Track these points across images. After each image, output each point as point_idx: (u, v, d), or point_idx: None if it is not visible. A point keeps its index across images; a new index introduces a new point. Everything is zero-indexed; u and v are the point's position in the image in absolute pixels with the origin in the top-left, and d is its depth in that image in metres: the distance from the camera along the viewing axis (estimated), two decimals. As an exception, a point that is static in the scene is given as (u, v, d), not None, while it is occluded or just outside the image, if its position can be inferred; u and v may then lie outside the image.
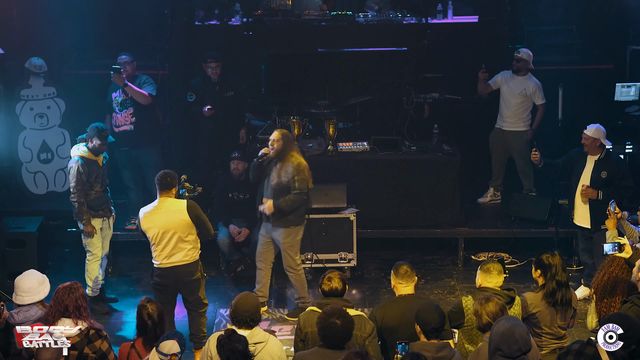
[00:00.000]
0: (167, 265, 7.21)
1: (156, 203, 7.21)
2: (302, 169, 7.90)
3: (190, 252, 7.23)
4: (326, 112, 10.03)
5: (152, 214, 7.18)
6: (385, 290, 8.89)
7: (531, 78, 9.79)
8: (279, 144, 7.90)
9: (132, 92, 9.07)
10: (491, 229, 9.55)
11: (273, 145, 7.93)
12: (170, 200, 7.20)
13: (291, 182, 7.90)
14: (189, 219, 7.14)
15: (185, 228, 7.15)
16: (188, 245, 7.20)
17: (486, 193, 10.22)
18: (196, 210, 7.23)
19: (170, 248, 7.17)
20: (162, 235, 7.15)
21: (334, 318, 5.32)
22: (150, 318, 5.64)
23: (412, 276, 6.10)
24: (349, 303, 5.92)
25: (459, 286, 8.97)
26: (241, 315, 5.46)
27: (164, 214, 7.15)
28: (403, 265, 6.14)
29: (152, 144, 9.44)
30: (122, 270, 9.40)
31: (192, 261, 7.25)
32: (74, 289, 5.75)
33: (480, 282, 6.15)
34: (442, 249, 9.71)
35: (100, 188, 8.30)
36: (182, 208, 7.15)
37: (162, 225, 7.14)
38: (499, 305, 5.52)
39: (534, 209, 9.54)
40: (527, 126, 9.85)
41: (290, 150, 7.93)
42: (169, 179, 7.21)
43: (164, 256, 7.19)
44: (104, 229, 8.44)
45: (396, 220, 9.48)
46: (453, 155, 9.52)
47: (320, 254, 9.08)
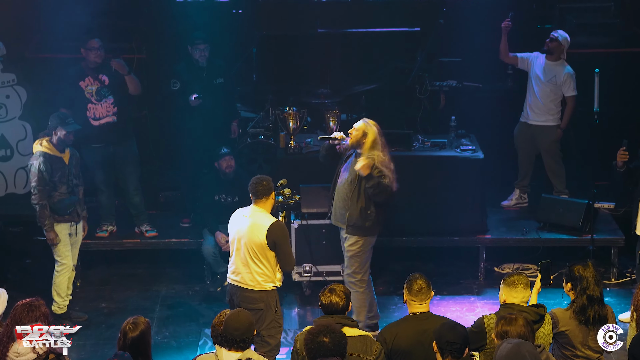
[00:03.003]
0: (232, 281, 7.17)
1: (250, 207, 7.14)
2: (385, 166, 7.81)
3: (260, 277, 7.07)
4: (327, 102, 10.01)
5: (239, 216, 7.14)
6: (395, 307, 8.89)
7: (563, 64, 9.76)
8: (357, 134, 7.84)
9: (131, 81, 9.14)
10: (517, 237, 9.55)
11: (351, 134, 7.89)
12: (261, 210, 7.09)
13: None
14: (265, 241, 7.02)
15: (260, 248, 7.03)
16: (258, 269, 7.08)
17: (511, 195, 10.21)
18: (279, 236, 7.04)
19: (238, 263, 7.09)
20: (236, 246, 7.09)
21: (321, 336, 5.31)
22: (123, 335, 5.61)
23: (428, 293, 6.08)
24: (352, 321, 5.91)
25: (480, 302, 8.97)
26: (230, 334, 5.45)
27: (245, 222, 7.06)
28: (418, 280, 6.13)
29: (131, 139, 9.47)
30: (92, 284, 9.38)
31: (259, 289, 7.07)
32: (34, 307, 5.74)
33: (504, 297, 6.13)
34: (461, 260, 9.70)
35: (67, 189, 8.29)
36: (264, 225, 7.02)
37: (239, 234, 7.07)
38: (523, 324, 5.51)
39: (566, 213, 9.53)
40: (557, 120, 9.84)
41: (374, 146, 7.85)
42: (264, 184, 7.08)
43: (232, 270, 7.15)
44: (72, 235, 8.43)
45: (408, 226, 9.48)
46: (473, 152, 9.51)
47: (321, 266, 9.07)
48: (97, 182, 9.42)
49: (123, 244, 9.54)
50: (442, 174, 9.43)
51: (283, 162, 9.46)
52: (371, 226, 8.00)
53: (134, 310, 8.61)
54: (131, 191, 9.43)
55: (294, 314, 8.87)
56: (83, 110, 9.15)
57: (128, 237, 9.57)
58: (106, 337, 8.30)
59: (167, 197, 10.33)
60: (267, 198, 7.09)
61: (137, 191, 9.48)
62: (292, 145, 9.46)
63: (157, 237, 9.54)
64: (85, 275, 9.45)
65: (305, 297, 9.05)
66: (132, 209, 9.57)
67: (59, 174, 8.25)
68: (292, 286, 9.11)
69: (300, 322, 8.65)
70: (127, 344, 5.58)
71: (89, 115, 9.16)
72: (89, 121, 9.12)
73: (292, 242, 8.95)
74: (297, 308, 8.96)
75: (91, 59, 9.04)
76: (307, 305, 8.92)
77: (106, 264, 9.67)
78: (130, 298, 9.14)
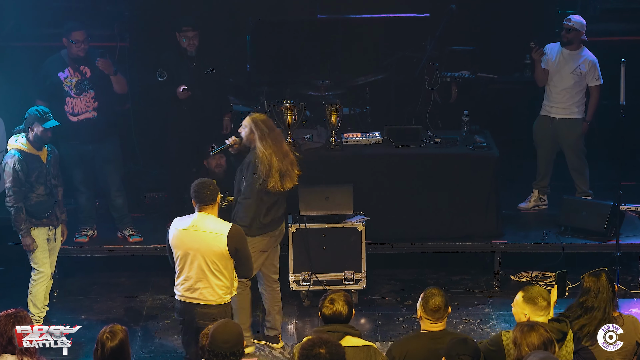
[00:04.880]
0: (187, 299, 7.14)
1: (194, 217, 7.12)
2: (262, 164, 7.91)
3: (220, 291, 7.09)
4: (328, 94, 10.02)
5: (184, 229, 7.09)
6: (402, 319, 8.88)
7: (585, 52, 9.77)
8: (245, 131, 7.98)
9: (118, 81, 9.12)
10: (536, 242, 9.54)
11: (241, 133, 8.03)
12: (211, 218, 7.09)
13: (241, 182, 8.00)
14: (227, 249, 7.08)
15: (220, 259, 7.05)
16: (219, 282, 7.07)
17: (529, 197, 10.21)
18: (240, 240, 7.09)
19: (195, 279, 7.07)
20: (189, 261, 7.06)
21: (317, 348, 5.34)
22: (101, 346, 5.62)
23: (445, 311, 6.03)
24: (354, 330, 5.91)
25: (495, 314, 8.96)
26: (219, 348, 5.45)
27: (198, 234, 7.05)
28: (435, 298, 6.03)
29: (113, 135, 9.47)
30: (70, 293, 9.38)
31: (219, 303, 7.10)
32: (20, 318, 5.75)
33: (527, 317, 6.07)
34: (474, 267, 9.71)
35: (44, 190, 8.29)
36: (222, 233, 7.03)
37: (192, 247, 7.04)
38: (543, 337, 5.52)
39: (590, 216, 9.52)
40: (582, 113, 9.84)
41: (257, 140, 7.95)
42: (211, 188, 7.09)
43: (187, 287, 7.11)
44: (50, 240, 8.44)
45: (416, 231, 9.47)
46: (488, 149, 9.51)
47: (321, 274, 9.08)
48: (76, 182, 9.39)
49: (104, 250, 9.52)
50: (454, 174, 9.42)
51: (280, 161, 9.45)
52: (248, 229, 7.96)
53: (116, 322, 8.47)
54: (113, 192, 9.43)
55: (292, 326, 8.86)
56: (61, 104, 9.14)
57: (110, 243, 9.55)
58: (86, 351, 8.29)
59: (153, 198, 10.31)
60: (214, 204, 7.11)
61: (119, 192, 9.47)
62: (289, 142, 9.42)
63: (142, 242, 9.52)
64: (64, 284, 9.43)
65: (304, 308, 9.05)
66: (114, 212, 9.56)
67: (36, 173, 8.24)
68: (290, 296, 9.10)
69: (299, 335, 8.63)
70: (105, 355, 5.58)
71: (67, 110, 9.14)
72: (67, 116, 9.11)
73: (289, 247, 8.98)
74: (295, 320, 8.95)
75: (73, 51, 9.03)
76: (306, 316, 8.92)
77: (86, 271, 9.66)
78: (113, 309, 9.13)
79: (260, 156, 7.91)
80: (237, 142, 8.17)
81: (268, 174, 7.90)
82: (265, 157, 7.89)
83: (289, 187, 8.07)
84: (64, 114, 9.07)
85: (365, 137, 9.59)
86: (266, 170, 7.89)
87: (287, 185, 8.05)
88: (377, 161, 9.44)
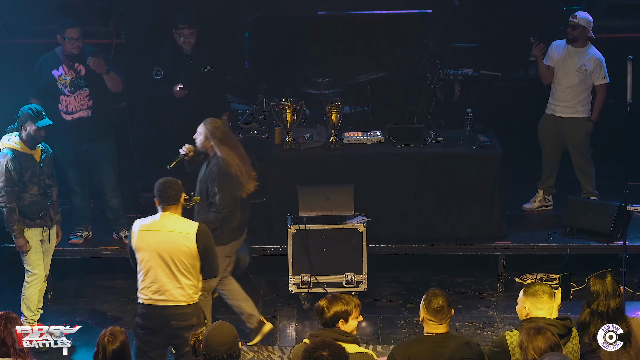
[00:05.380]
0: (155, 302, 7.12)
1: (157, 218, 7.13)
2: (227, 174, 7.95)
3: (190, 290, 7.11)
4: (328, 92, 10.02)
5: (148, 229, 7.10)
6: (404, 322, 8.88)
7: (591, 49, 9.76)
8: (200, 138, 8.08)
9: (111, 80, 9.10)
10: (540, 244, 9.54)
11: (196, 140, 8.13)
12: (176, 217, 7.12)
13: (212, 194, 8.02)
14: (196, 248, 7.10)
15: (189, 258, 7.06)
16: (188, 281, 7.09)
17: (534, 197, 10.20)
18: (208, 239, 7.13)
19: (164, 281, 7.08)
20: (156, 262, 7.06)
21: (319, 351, 5.33)
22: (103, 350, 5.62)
23: (449, 312, 6.02)
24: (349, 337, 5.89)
25: (499, 317, 8.96)
26: (215, 351, 5.45)
27: (165, 234, 7.06)
28: (438, 298, 6.03)
29: (108, 134, 9.46)
30: (65, 296, 9.38)
31: (190, 303, 7.12)
32: (11, 319, 5.73)
33: (527, 311, 6.11)
34: (478, 269, 9.70)
35: (38, 190, 8.29)
36: (190, 232, 7.07)
37: (159, 248, 7.05)
38: (550, 340, 5.51)
39: (596, 217, 9.52)
40: (587, 112, 9.83)
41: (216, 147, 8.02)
42: (175, 188, 7.11)
43: (155, 290, 7.11)
44: (44, 242, 8.43)
45: (418, 232, 9.47)
46: (491, 149, 9.50)
47: (321, 276, 9.07)
48: (70, 182, 9.40)
49: (100, 251, 9.51)
50: (457, 173, 9.42)
51: (278, 160, 9.46)
52: (219, 235, 8.01)
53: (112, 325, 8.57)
54: (108, 193, 9.42)
55: (292, 330, 8.86)
56: (55, 102, 9.13)
57: (105, 244, 9.54)
58: (81, 355, 8.29)
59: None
60: (177, 204, 7.13)
61: (114, 193, 9.46)
62: (288, 141, 9.44)
63: (138, 243, 9.52)
64: (58, 286, 9.43)
65: (303, 311, 9.04)
66: (110, 213, 9.55)
67: (29, 173, 8.22)
68: (289, 299, 9.11)
69: (299, 339, 8.61)
70: (107, 358, 5.59)
71: (60, 109, 9.14)
72: (60, 115, 9.10)
73: (288, 249, 8.98)
74: (294, 323, 8.95)
75: (67, 49, 9.02)
76: (305, 320, 8.91)
77: (81, 273, 9.65)
78: (108, 312, 9.12)
79: (227, 163, 7.99)
80: (192, 150, 8.22)
81: (240, 179, 8.00)
82: (233, 163, 7.99)
83: (250, 190, 8.17)
84: (58, 113, 9.07)
85: (366, 136, 9.58)
86: (238, 177, 7.99)
87: (250, 189, 8.16)
88: (379, 161, 9.44)
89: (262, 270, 9.50)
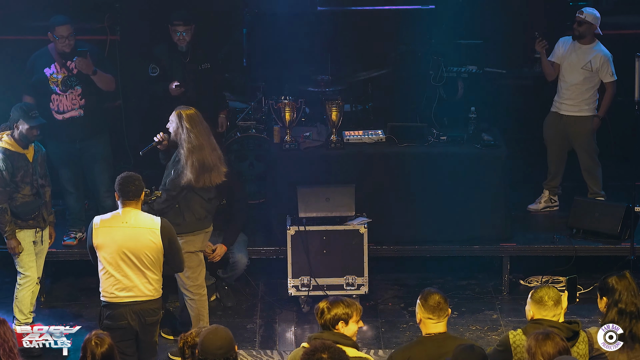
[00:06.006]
0: (123, 299, 7.16)
1: (119, 213, 7.18)
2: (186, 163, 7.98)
3: (157, 285, 7.21)
4: (328, 90, 10.01)
5: (111, 225, 7.14)
6: (406, 326, 8.88)
7: (598, 46, 9.75)
8: (172, 126, 8.09)
9: (100, 80, 9.08)
10: (546, 245, 9.53)
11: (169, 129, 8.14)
12: (138, 213, 7.18)
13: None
14: (161, 242, 7.14)
15: (154, 253, 7.14)
16: (154, 276, 7.17)
17: (539, 197, 10.20)
18: (172, 233, 7.23)
19: (130, 276, 7.13)
20: (121, 258, 7.10)
21: (319, 354, 5.34)
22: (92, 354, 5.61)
23: (446, 309, 6.09)
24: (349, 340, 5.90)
25: (504, 320, 8.96)
26: (212, 355, 5.46)
27: (129, 229, 7.11)
28: (434, 295, 6.10)
29: (102, 133, 9.45)
30: (58, 299, 9.37)
31: (158, 297, 7.24)
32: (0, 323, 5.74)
33: (532, 314, 6.13)
34: (482, 272, 9.71)
35: (31, 191, 8.28)
36: (154, 227, 7.13)
37: (123, 244, 7.09)
38: (559, 345, 5.50)
39: (603, 218, 9.52)
40: (593, 110, 9.83)
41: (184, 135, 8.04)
42: (136, 183, 7.17)
43: (121, 287, 7.15)
44: (37, 243, 8.41)
45: (420, 233, 9.47)
46: (496, 148, 9.49)
47: (321, 279, 9.07)
48: (64, 182, 9.39)
49: (94, 253, 9.51)
50: (460, 173, 9.41)
51: (277, 160, 9.45)
52: (185, 223, 8.09)
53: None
54: (102, 193, 9.40)
55: (290, 333, 8.86)
56: (47, 101, 9.12)
57: (100, 246, 9.54)
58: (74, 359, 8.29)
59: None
60: (138, 200, 7.20)
61: (109, 193, 9.42)
62: (287, 140, 9.43)
63: (133, 245, 9.52)
64: (51, 289, 9.44)
65: (302, 314, 9.04)
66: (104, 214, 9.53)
67: (22, 173, 8.22)
68: (288, 302, 9.11)
69: (298, 344, 8.57)
70: None
71: (52, 108, 9.12)
72: (52, 114, 9.09)
73: (287, 251, 8.97)
74: (294, 327, 8.95)
75: (58, 47, 9.01)
76: (305, 323, 8.91)
77: (74, 276, 9.64)
78: (102, 316, 9.12)
79: (188, 152, 8.00)
80: (165, 139, 8.23)
81: (197, 169, 7.99)
82: (194, 152, 7.98)
83: (217, 182, 8.13)
84: (50, 112, 9.06)
85: (367, 135, 9.57)
86: (195, 166, 7.98)
87: (216, 180, 8.12)
88: (380, 160, 9.43)
89: (261, 272, 9.51)
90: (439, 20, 10.32)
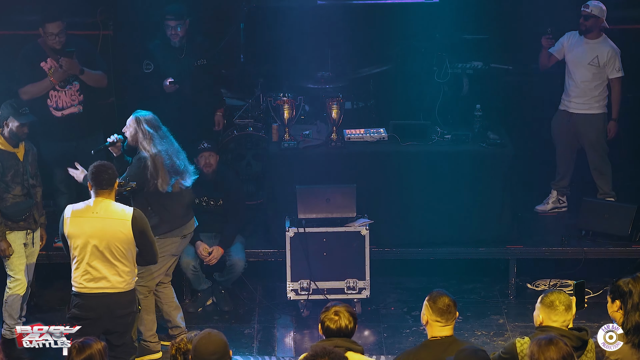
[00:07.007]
0: (92, 290, 7.25)
1: (91, 203, 7.27)
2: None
3: (127, 277, 7.29)
4: (329, 87, 10.00)
5: (81, 216, 7.23)
6: (409, 331, 8.88)
7: (606, 41, 9.75)
8: (129, 131, 8.20)
9: (89, 78, 9.10)
10: (554, 247, 9.53)
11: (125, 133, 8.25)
12: (110, 203, 7.26)
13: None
14: (131, 233, 7.20)
15: (124, 244, 7.22)
16: (125, 268, 7.25)
17: (547, 198, 10.20)
18: (144, 223, 7.30)
19: (99, 268, 7.20)
20: (90, 249, 7.19)
21: (320, 358, 5.37)
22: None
23: (454, 313, 6.13)
24: (357, 346, 5.92)
25: (510, 325, 8.98)
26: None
27: (99, 220, 7.20)
28: (443, 297, 6.12)
29: (97, 131, 9.46)
30: (49, 303, 9.37)
31: (129, 289, 7.32)
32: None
33: (541, 319, 6.12)
34: (488, 275, 9.72)
35: (21, 191, 8.29)
36: (125, 217, 7.21)
37: (93, 235, 7.19)
38: (563, 351, 5.49)
39: (613, 219, 9.53)
40: (603, 108, 9.82)
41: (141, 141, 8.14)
42: (110, 172, 7.27)
43: (90, 278, 7.23)
44: (27, 245, 8.41)
45: (424, 235, 9.47)
46: (502, 147, 9.50)
47: (321, 282, 9.06)
48: (56, 182, 9.42)
49: (86, 255, 9.51)
50: (465, 173, 9.43)
51: (275, 159, 9.46)
52: (156, 225, 8.14)
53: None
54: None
55: (289, 339, 8.86)
56: (44, 97, 9.12)
57: (92, 248, 9.54)
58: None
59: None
60: (111, 189, 7.29)
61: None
62: (286, 139, 9.44)
63: (127, 247, 9.51)
64: (42, 292, 9.46)
65: (302, 319, 9.04)
66: (98, 214, 9.54)
67: (12, 172, 8.23)
68: (287, 306, 9.12)
69: (297, 350, 8.64)
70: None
71: (50, 104, 9.12)
72: (50, 111, 9.09)
73: (287, 253, 8.96)
74: (293, 332, 8.95)
75: (49, 44, 9.00)
76: (304, 328, 8.91)
77: (66, 279, 9.56)
78: (95, 320, 9.11)
79: (147, 158, 8.08)
80: (120, 141, 8.27)
81: (155, 175, 8.09)
82: (152, 158, 8.07)
83: (178, 187, 8.23)
84: (47, 109, 9.05)
85: (369, 133, 9.57)
86: (152, 173, 8.08)
87: (176, 187, 8.21)
88: (382, 159, 9.45)
89: (259, 275, 9.51)
90: (443, 14, 10.30)
